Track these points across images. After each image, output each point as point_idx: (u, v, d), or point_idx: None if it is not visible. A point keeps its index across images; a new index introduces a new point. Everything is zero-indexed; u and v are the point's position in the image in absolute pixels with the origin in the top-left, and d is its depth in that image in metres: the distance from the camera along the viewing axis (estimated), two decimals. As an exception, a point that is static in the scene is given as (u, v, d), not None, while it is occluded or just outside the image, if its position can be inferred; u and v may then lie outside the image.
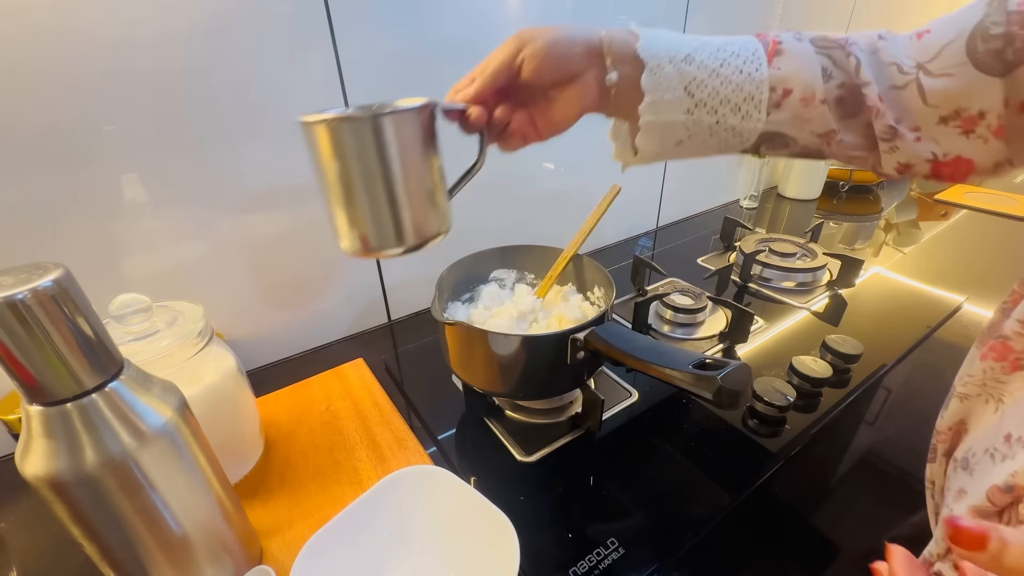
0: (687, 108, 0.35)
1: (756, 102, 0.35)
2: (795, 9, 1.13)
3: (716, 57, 0.35)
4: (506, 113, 0.39)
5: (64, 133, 0.50)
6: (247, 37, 0.56)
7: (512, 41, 0.36)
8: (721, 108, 0.35)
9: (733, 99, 0.35)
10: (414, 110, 0.32)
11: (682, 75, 0.35)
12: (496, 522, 0.40)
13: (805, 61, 0.34)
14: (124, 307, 0.42)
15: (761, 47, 0.35)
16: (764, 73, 0.34)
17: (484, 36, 0.71)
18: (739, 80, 0.34)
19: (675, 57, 0.35)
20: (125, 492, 0.31)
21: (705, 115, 0.36)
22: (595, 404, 0.55)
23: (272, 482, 0.51)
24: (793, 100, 0.34)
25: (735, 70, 0.35)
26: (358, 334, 0.79)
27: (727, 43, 0.36)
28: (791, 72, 0.34)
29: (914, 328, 0.74)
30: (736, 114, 0.35)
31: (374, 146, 0.31)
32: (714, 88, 0.35)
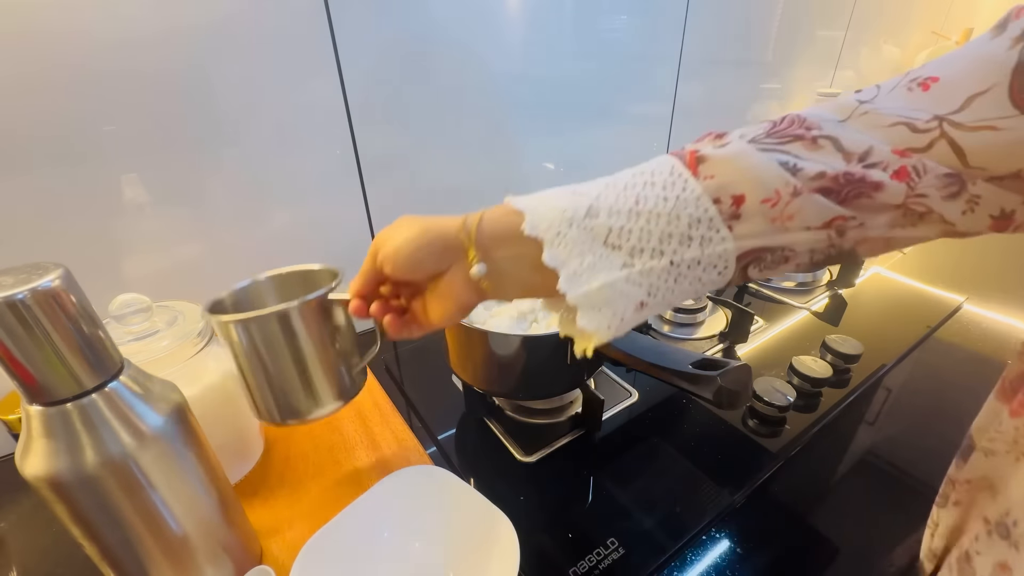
0: (621, 263, 0.28)
1: (706, 222, 0.27)
2: (795, 9, 1.13)
3: (626, 196, 0.29)
4: (393, 306, 0.37)
5: (64, 133, 0.50)
6: (247, 36, 0.56)
7: (372, 244, 0.34)
8: (665, 246, 0.28)
9: (675, 231, 0.28)
10: (298, 306, 0.36)
11: (592, 232, 0.28)
12: (496, 522, 0.40)
13: (745, 160, 0.27)
14: (124, 307, 0.42)
15: (679, 161, 0.29)
16: (695, 187, 0.27)
17: (482, 21, 0.71)
18: (668, 208, 0.27)
19: (574, 217, 0.29)
20: (125, 492, 0.31)
21: (650, 261, 0.28)
22: (595, 404, 0.55)
23: (272, 482, 0.51)
24: (751, 205, 0.26)
25: (658, 199, 0.28)
26: (358, 334, 0.79)
27: (634, 174, 0.30)
28: (730, 176, 0.27)
29: (914, 328, 0.74)
30: (689, 245, 0.28)
31: (268, 337, 0.36)
32: (641, 228, 0.28)
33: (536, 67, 0.79)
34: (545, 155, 0.87)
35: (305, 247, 0.69)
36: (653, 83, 0.98)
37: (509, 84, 0.78)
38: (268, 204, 0.64)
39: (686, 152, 0.29)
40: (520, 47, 0.76)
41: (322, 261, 0.71)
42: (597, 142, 0.93)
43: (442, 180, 0.78)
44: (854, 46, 1.38)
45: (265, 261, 0.67)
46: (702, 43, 0.98)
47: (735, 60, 1.11)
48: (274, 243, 0.67)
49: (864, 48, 1.43)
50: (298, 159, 0.64)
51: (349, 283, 0.37)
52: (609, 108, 0.92)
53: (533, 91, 0.81)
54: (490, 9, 0.71)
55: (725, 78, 1.11)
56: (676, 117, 1.04)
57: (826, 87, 1.26)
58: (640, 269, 0.28)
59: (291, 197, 0.66)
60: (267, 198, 0.64)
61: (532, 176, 0.87)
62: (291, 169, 0.64)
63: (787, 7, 1.11)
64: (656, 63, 0.96)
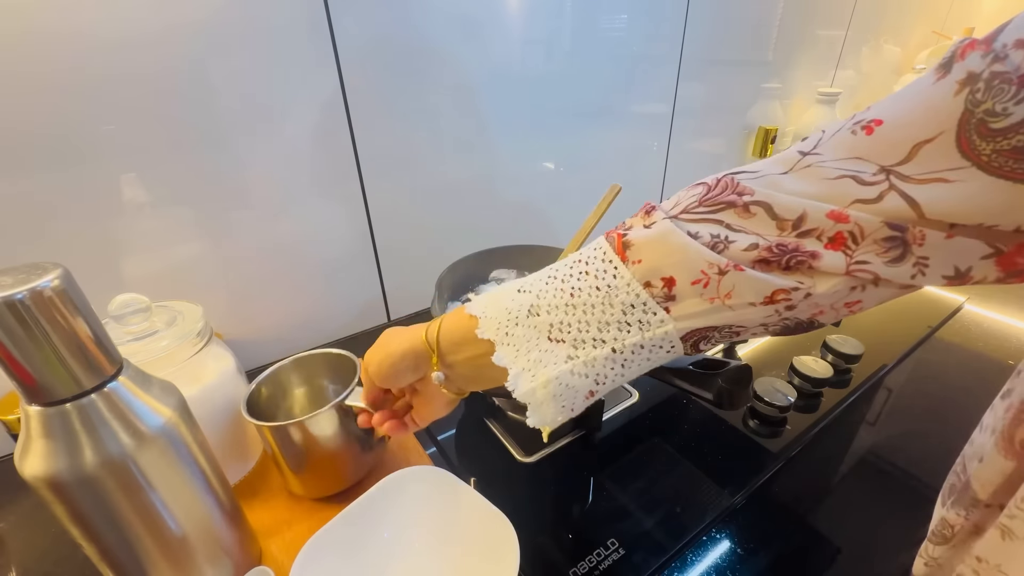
0: (565, 356, 0.29)
1: (640, 306, 0.27)
2: (795, 9, 1.13)
3: (563, 288, 0.29)
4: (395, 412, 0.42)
5: (64, 133, 0.50)
6: (246, 36, 0.55)
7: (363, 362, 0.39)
8: (605, 334, 0.28)
9: (611, 319, 0.28)
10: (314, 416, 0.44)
11: (536, 329, 0.30)
12: (496, 523, 0.40)
13: (669, 241, 0.26)
14: (124, 307, 0.42)
15: (610, 247, 0.29)
16: (625, 273, 0.28)
17: (482, 20, 0.71)
18: (601, 297, 0.28)
19: (519, 317, 0.30)
20: (124, 492, 0.31)
21: (593, 351, 0.29)
22: (595, 404, 0.54)
23: (272, 482, 0.51)
24: (683, 287, 0.26)
25: (591, 290, 0.28)
26: (358, 334, 0.79)
27: (572, 263, 0.30)
28: (657, 260, 0.27)
29: (915, 328, 0.74)
30: (628, 331, 0.28)
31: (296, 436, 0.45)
32: (579, 320, 0.29)
33: (536, 67, 0.79)
34: (545, 155, 0.87)
35: (305, 247, 0.69)
36: (653, 83, 0.98)
37: (509, 84, 0.78)
38: (268, 204, 0.64)
39: (615, 235, 0.29)
40: (520, 47, 0.76)
41: (321, 262, 0.72)
42: (597, 142, 0.93)
43: (442, 180, 0.78)
44: (855, 46, 1.38)
45: (265, 261, 0.67)
46: (702, 43, 0.98)
47: (735, 60, 1.11)
48: (274, 243, 0.67)
49: (865, 48, 1.43)
50: (298, 159, 0.64)
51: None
52: (609, 108, 0.92)
53: (533, 91, 0.81)
54: (490, 9, 0.71)
55: (725, 78, 1.11)
56: (676, 117, 1.04)
57: (827, 87, 1.26)
58: (584, 360, 0.29)
59: (291, 197, 0.66)
60: (267, 198, 0.64)
61: (532, 176, 0.87)
62: (291, 169, 0.64)
63: (787, 7, 1.11)
64: (656, 63, 0.96)
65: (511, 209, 0.86)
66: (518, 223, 0.88)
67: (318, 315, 0.75)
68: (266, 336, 0.71)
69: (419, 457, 0.54)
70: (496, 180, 0.83)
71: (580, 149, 0.89)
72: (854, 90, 1.47)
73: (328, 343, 0.77)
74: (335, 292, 0.75)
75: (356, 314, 0.79)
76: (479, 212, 0.84)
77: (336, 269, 0.74)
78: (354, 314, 0.78)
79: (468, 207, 0.83)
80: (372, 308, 0.80)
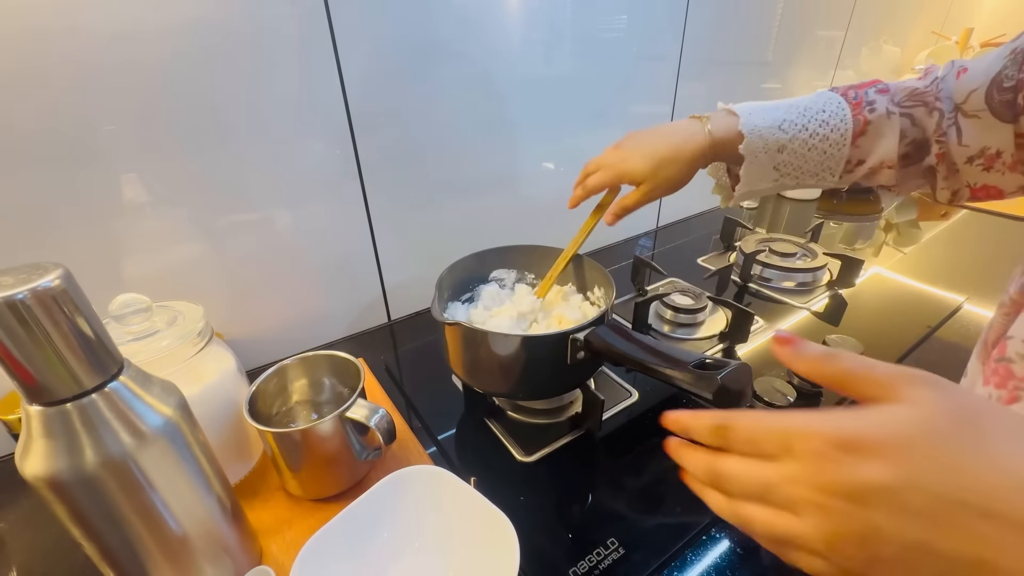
0: (774, 179, 0.48)
1: (832, 171, 0.46)
2: (795, 9, 1.13)
3: (807, 143, 0.45)
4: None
5: (64, 133, 0.50)
6: (246, 37, 0.55)
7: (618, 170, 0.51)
8: (802, 176, 0.47)
9: (813, 170, 0.46)
10: (317, 424, 0.44)
11: (773, 160, 0.46)
12: (496, 522, 0.40)
13: (886, 134, 0.43)
14: (124, 307, 0.42)
15: (851, 127, 0.44)
16: (845, 152, 0.44)
17: (482, 20, 0.71)
18: (821, 159, 0.45)
19: (769, 148, 0.45)
20: (125, 492, 0.31)
21: (789, 180, 0.48)
22: (595, 404, 0.55)
23: (272, 482, 0.51)
24: (863, 168, 0.45)
25: (820, 152, 0.45)
26: (358, 334, 0.79)
27: (821, 123, 0.45)
28: (869, 147, 0.44)
29: (914, 328, 0.74)
30: (813, 178, 0.47)
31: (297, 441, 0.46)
32: (798, 166, 0.46)
33: (536, 67, 0.79)
34: (545, 155, 0.87)
35: (305, 247, 0.69)
36: (653, 83, 0.98)
37: (509, 84, 0.78)
38: (268, 205, 0.64)
39: (861, 118, 0.44)
40: (520, 47, 0.76)
41: (321, 262, 0.72)
42: (597, 142, 0.93)
43: (442, 180, 0.78)
44: (854, 46, 1.38)
45: (265, 261, 0.67)
46: (702, 43, 0.98)
47: (735, 60, 1.11)
48: (274, 243, 0.67)
49: (864, 48, 1.43)
50: (298, 159, 0.64)
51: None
52: (609, 108, 0.92)
53: (533, 91, 0.81)
54: (490, 9, 0.71)
55: (725, 78, 1.11)
56: (676, 117, 1.04)
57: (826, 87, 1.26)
58: (780, 183, 0.48)
59: (291, 197, 0.66)
60: (267, 199, 0.64)
61: (533, 176, 0.87)
62: (291, 169, 0.64)
63: (787, 7, 1.11)
64: (656, 63, 0.96)
65: (511, 209, 0.86)
66: (518, 223, 0.88)
67: (318, 315, 0.75)
68: (266, 336, 0.71)
69: (419, 457, 0.54)
70: (496, 180, 0.83)
71: (580, 149, 0.89)
72: (854, 90, 1.47)
73: (328, 343, 0.77)
74: (335, 292, 0.75)
75: (356, 314, 0.79)
76: (479, 212, 0.84)
77: (336, 269, 0.74)
78: (354, 314, 0.78)
79: (468, 207, 0.83)
80: (372, 308, 0.80)
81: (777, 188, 0.49)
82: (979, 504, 0.18)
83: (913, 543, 0.19)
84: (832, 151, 0.44)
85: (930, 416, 0.20)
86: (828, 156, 0.45)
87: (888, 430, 0.20)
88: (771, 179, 0.47)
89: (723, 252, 1.01)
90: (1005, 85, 0.35)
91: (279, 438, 0.44)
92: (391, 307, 0.82)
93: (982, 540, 0.18)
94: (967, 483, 0.18)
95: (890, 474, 0.19)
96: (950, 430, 0.19)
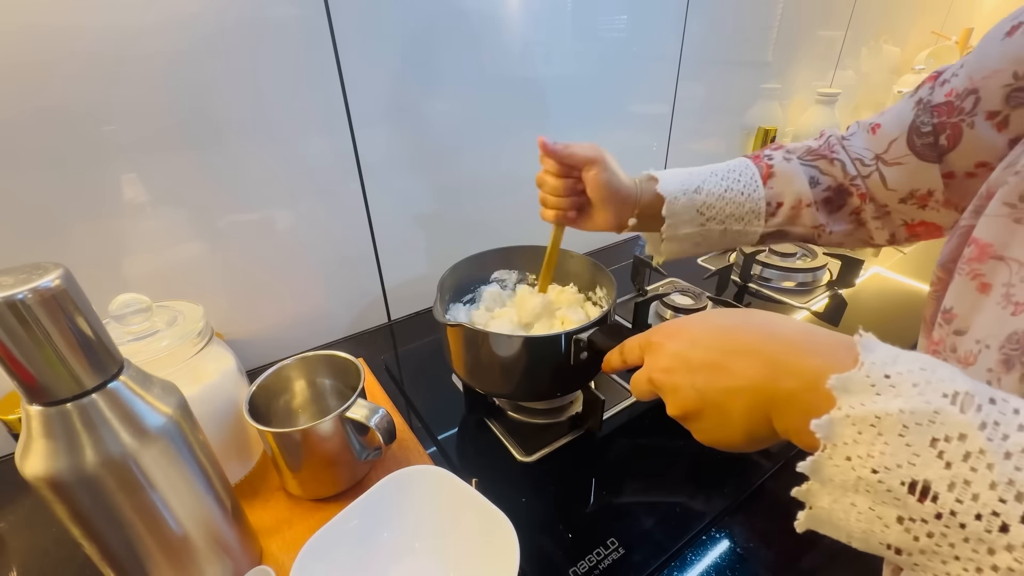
0: (700, 224, 0.49)
1: (756, 214, 0.48)
2: (795, 9, 1.13)
3: (721, 185, 0.48)
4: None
5: (64, 133, 0.50)
6: (246, 37, 0.55)
7: (589, 150, 0.49)
8: (727, 221, 0.48)
9: (737, 214, 0.48)
10: (318, 424, 0.44)
11: (694, 203, 0.48)
12: (496, 522, 0.40)
13: (793, 177, 0.47)
14: (124, 307, 0.42)
15: (757, 172, 0.48)
16: (761, 193, 0.47)
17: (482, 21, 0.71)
18: (741, 200, 0.47)
19: (686, 190, 0.48)
20: (125, 492, 0.31)
21: (715, 226, 0.49)
22: (596, 404, 0.55)
23: (272, 482, 0.51)
24: (784, 209, 0.47)
25: (738, 194, 0.47)
26: (358, 334, 0.79)
27: (729, 170, 0.48)
28: (782, 189, 0.47)
29: (914, 328, 0.74)
30: (740, 223, 0.48)
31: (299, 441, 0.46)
32: (720, 208, 0.48)
33: (536, 67, 0.79)
34: (545, 155, 0.87)
35: (305, 247, 0.69)
36: (653, 83, 0.98)
37: (509, 84, 0.78)
38: (268, 205, 0.64)
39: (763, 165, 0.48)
40: (520, 47, 0.76)
41: (321, 262, 0.72)
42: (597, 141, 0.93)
43: (443, 180, 0.78)
44: (854, 46, 1.38)
45: (265, 261, 0.67)
46: (702, 43, 0.98)
47: (735, 60, 1.11)
48: (274, 243, 0.67)
49: (864, 48, 1.43)
50: (298, 159, 0.64)
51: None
52: (609, 108, 0.92)
53: (533, 91, 0.81)
54: (490, 9, 0.71)
55: (725, 78, 1.11)
56: (676, 117, 1.04)
57: (826, 87, 1.26)
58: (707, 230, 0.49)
59: (291, 197, 0.66)
60: (267, 199, 0.64)
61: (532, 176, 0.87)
62: (291, 169, 0.64)
63: (787, 7, 1.11)
64: (656, 63, 0.96)
65: (511, 209, 0.86)
66: (518, 223, 0.87)
67: (318, 315, 0.75)
68: (267, 336, 0.71)
69: (420, 457, 0.54)
70: (496, 180, 0.83)
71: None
72: (853, 90, 1.47)
73: (328, 343, 0.77)
74: (335, 292, 0.75)
75: (356, 314, 0.79)
76: (479, 212, 0.84)
77: (336, 269, 0.74)
78: (354, 314, 0.78)
79: (468, 207, 0.83)
80: (372, 308, 0.80)
81: (704, 234, 0.50)
82: (742, 350, 0.27)
83: (705, 387, 0.28)
84: (748, 191, 0.47)
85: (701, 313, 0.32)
86: (746, 198, 0.47)
87: (675, 321, 0.33)
88: (695, 225, 0.49)
89: (723, 252, 1.01)
90: (923, 130, 0.39)
91: (279, 438, 0.44)
92: (391, 307, 0.82)
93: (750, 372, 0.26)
94: (729, 339, 0.28)
95: (677, 346, 0.31)
96: (714, 313, 0.31)
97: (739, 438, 0.28)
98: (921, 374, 0.20)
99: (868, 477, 0.19)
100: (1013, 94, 0.33)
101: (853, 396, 0.20)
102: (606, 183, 0.48)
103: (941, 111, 0.38)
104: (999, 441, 0.17)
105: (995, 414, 0.18)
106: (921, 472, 0.18)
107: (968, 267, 0.28)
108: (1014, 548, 0.16)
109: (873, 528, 0.20)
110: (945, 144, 0.38)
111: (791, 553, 0.46)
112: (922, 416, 0.18)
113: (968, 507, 0.17)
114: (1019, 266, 0.26)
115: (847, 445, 0.20)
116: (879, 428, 0.19)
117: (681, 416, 0.31)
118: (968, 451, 0.17)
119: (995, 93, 0.34)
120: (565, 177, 0.50)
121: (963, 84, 0.36)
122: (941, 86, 0.38)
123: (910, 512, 0.19)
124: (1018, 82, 0.33)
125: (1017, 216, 0.26)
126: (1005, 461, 0.17)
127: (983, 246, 0.27)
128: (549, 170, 0.50)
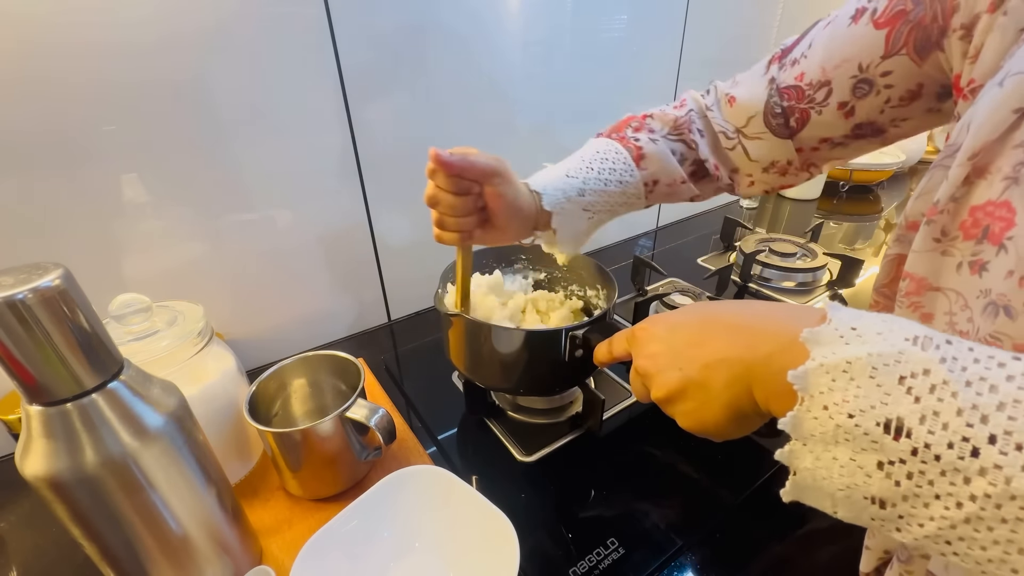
0: (588, 217, 0.49)
1: (637, 196, 0.49)
2: (795, 9, 1.13)
3: (599, 180, 0.48)
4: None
5: (64, 133, 0.50)
6: (246, 37, 0.55)
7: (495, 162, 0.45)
8: (614, 208, 0.50)
9: (620, 200, 0.49)
10: (317, 424, 0.44)
11: (579, 204, 0.48)
12: (496, 522, 0.40)
13: (663, 157, 0.48)
14: (124, 307, 0.42)
15: (628, 155, 0.48)
16: (637, 176, 0.48)
17: (481, 20, 0.71)
18: (621, 189, 0.48)
19: (570, 196, 0.47)
20: (125, 492, 0.31)
21: (604, 216, 0.51)
22: (596, 404, 0.55)
23: (272, 482, 0.51)
24: (661, 186, 0.50)
25: (616, 183, 0.48)
26: (358, 334, 0.79)
27: (601, 160, 0.48)
28: (655, 169, 0.49)
29: (914, 328, 0.74)
30: (625, 207, 0.51)
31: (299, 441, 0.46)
32: (605, 201, 0.49)
33: (536, 66, 0.79)
34: (544, 155, 0.87)
35: (305, 247, 0.69)
36: (653, 83, 0.98)
37: (508, 84, 0.78)
38: (268, 204, 0.64)
39: (632, 147, 0.49)
40: (520, 46, 0.76)
41: (321, 263, 0.72)
42: (597, 142, 0.93)
43: (442, 180, 0.78)
44: (854, 46, 1.37)
45: (265, 261, 0.67)
46: (702, 43, 0.98)
47: (735, 60, 1.11)
48: (274, 243, 0.67)
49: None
50: (298, 159, 0.64)
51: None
52: (609, 108, 0.92)
53: (532, 91, 0.81)
54: (491, 9, 0.71)
55: (725, 78, 1.11)
56: (676, 117, 1.04)
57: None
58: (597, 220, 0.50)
59: (291, 197, 0.66)
60: (267, 198, 0.64)
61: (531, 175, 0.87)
62: (291, 169, 0.64)
63: (787, 7, 1.11)
64: (656, 63, 0.96)
65: (511, 209, 0.86)
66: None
67: (318, 315, 0.75)
68: (267, 336, 0.71)
69: (419, 457, 0.54)
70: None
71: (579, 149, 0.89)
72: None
73: (328, 343, 0.77)
74: (335, 292, 0.75)
75: (356, 314, 0.79)
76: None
77: (336, 269, 0.74)
78: (354, 314, 0.78)
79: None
80: (372, 308, 0.80)
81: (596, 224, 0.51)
82: (720, 325, 0.29)
83: (686, 364, 0.30)
84: (625, 179, 0.48)
85: (672, 311, 0.33)
86: (625, 186, 0.48)
87: (659, 314, 0.34)
88: (584, 219, 0.49)
89: (723, 252, 1.01)
90: (776, 111, 0.42)
91: (279, 438, 0.44)
92: (391, 307, 0.82)
93: (728, 344, 0.27)
94: (708, 319, 0.30)
95: (659, 331, 0.33)
96: (695, 304, 0.33)
97: (722, 416, 0.28)
98: (883, 324, 0.21)
99: (845, 423, 0.20)
100: (858, 85, 0.36)
101: (824, 347, 0.21)
102: (513, 200, 0.44)
103: (791, 95, 0.41)
104: (959, 372, 0.19)
105: (952, 351, 0.19)
106: (893, 409, 0.19)
107: (907, 300, 0.29)
108: (987, 471, 0.17)
109: (856, 481, 0.20)
110: (795, 126, 0.42)
111: (791, 553, 0.46)
112: (888, 357, 0.20)
113: (940, 437, 0.18)
114: (956, 295, 0.27)
115: (823, 394, 0.21)
116: (851, 373, 0.20)
117: (665, 398, 0.31)
118: (933, 383, 0.19)
119: (844, 84, 0.37)
120: (464, 194, 0.42)
121: (816, 74, 0.39)
122: (792, 66, 0.41)
123: (888, 454, 0.19)
124: (862, 74, 0.36)
125: (943, 249, 0.27)
126: (967, 388, 0.18)
127: (918, 280, 0.28)
128: (443, 186, 0.41)
